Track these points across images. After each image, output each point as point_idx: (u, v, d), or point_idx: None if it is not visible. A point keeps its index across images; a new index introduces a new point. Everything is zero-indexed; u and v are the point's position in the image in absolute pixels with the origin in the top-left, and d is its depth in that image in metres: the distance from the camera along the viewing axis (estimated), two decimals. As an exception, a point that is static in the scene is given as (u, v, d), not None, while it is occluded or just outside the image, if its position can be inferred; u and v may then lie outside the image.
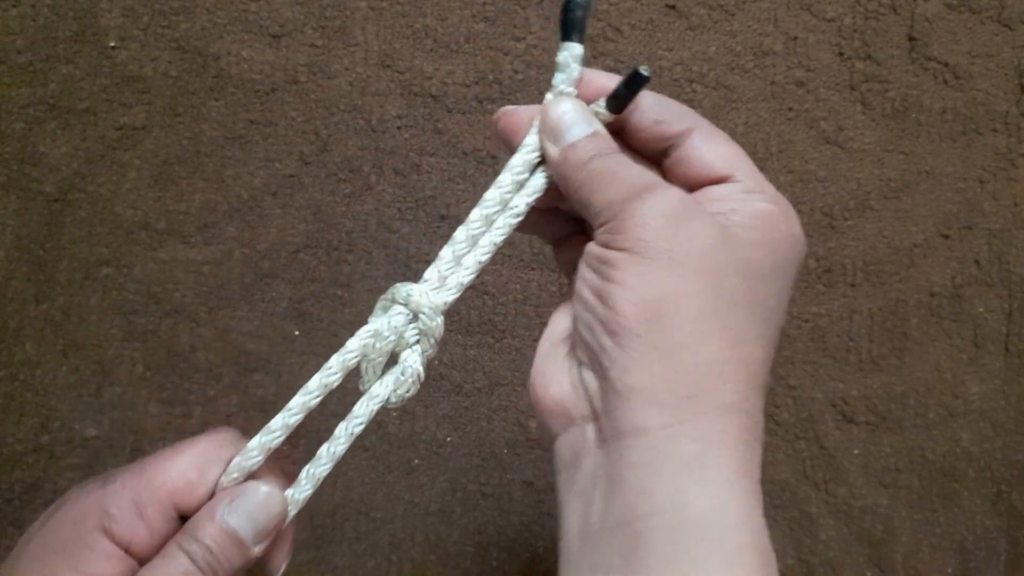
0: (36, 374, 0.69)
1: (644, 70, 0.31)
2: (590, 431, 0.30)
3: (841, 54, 0.72)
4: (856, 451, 0.71)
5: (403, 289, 0.32)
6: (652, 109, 0.34)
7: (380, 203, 0.70)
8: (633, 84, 0.32)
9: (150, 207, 0.70)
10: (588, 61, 0.34)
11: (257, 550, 0.30)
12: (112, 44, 0.70)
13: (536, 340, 0.73)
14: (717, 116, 0.71)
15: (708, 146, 0.33)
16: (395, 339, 0.32)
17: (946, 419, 0.71)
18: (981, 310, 0.72)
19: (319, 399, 0.32)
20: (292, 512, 0.32)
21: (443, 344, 0.32)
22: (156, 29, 0.70)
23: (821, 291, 0.71)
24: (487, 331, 0.70)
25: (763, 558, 0.27)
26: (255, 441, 0.31)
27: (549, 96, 0.33)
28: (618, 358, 0.28)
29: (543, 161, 0.34)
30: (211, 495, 0.31)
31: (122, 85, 0.70)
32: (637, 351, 0.28)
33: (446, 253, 0.33)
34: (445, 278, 0.33)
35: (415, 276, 0.34)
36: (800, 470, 0.71)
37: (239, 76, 0.70)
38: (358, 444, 0.31)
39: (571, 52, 0.33)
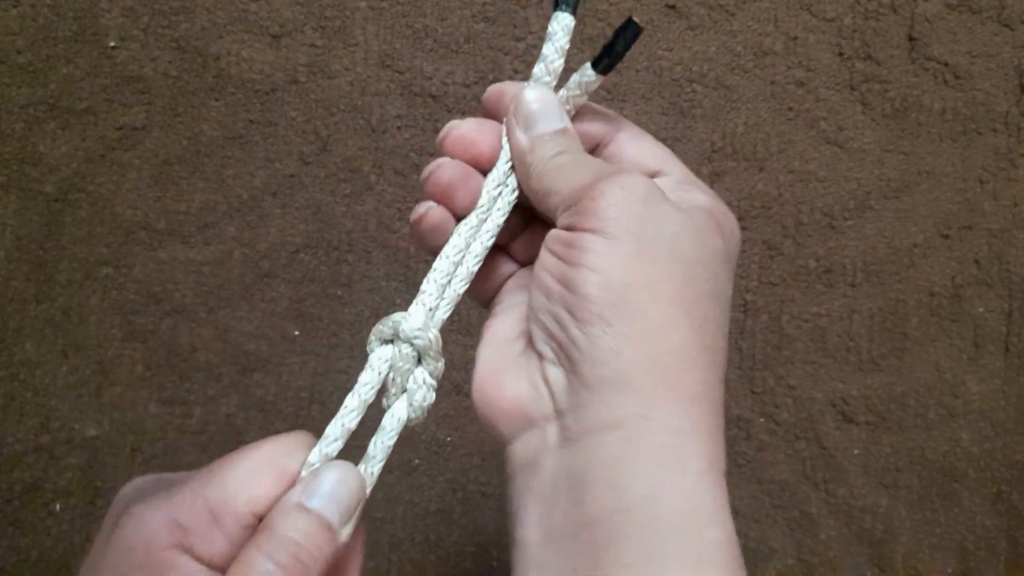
0: (36, 374, 0.69)
1: (635, 20, 0.31)
2: (551, 431, 0.28)
3: (841, 54, 0.72)
4: (856, 451, 0.71)
5: (390, 322, 0.32)
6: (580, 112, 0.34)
7: (380, 203, 0.70)
8: (626, 36, 0.31)
9: (150, 207, 0.70)
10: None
11: (345, 533, 0.28)
12: (112, 44, 0.70)
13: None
14: (717, 116, 0.71)
15: (636, 144, 0.33)
16: (398, 369, 0.32)
17: (946, 419, 0.71)
18: (981, 310, 0.72)
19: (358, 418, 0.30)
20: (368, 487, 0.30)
21: (443, 344, 0.32)
22: (156, 29, 0.70)
23: (821, 291, 0.71)
24: (487, 331, 0.70)
25: (734, 553, 0.26)
26: (314, 451, 0.29)
27: (537, 68, 0.33)
28: (590, 350, 0.27)
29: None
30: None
31: (122, 85, 0.70)
32: (609, 339, 0.27)
33: (429, 287, 0.32)
34: (431, 309, 0.32)
35: (415, 276, 0.34)
36: (800, 470, 0.71)
37: (239, 76, 0.70)
38: (358, 444, 0.31)
39: (561, 23, 0.32)
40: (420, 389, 0.32)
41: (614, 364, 0.27)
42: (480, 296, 0.36)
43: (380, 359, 0.32)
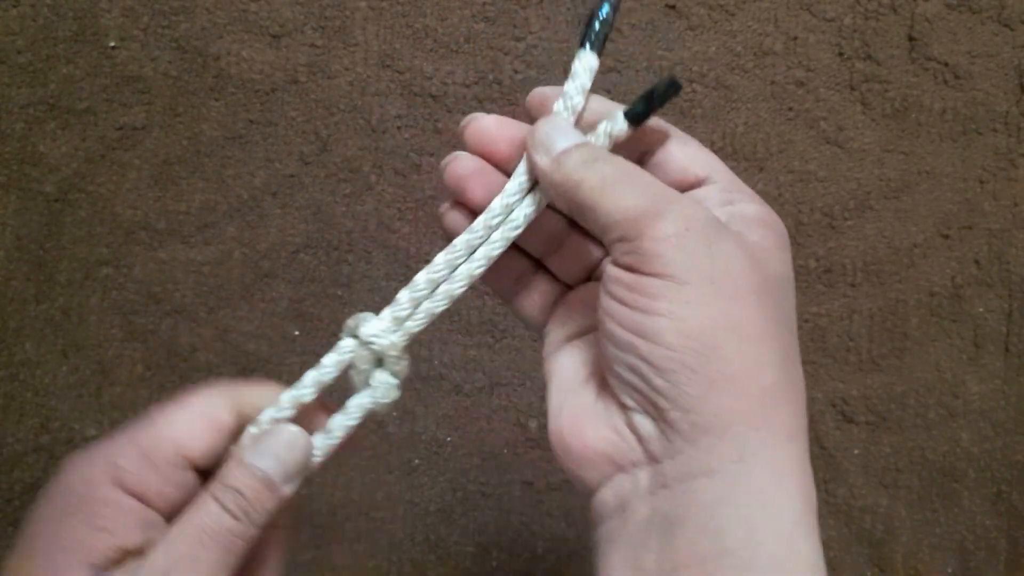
0: (36, 374, 0.69)
1: (677, 79, 0.31)
2: (643, 476, 0.27)
3: (841, 54, 0.72)
4: (856, 451, 0.71)
5: (355, 320, 0.33)
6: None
7: (380, 203, 0.70)
8: (666, 92, 0.31)
9: (150, 207, 0.70)
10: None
11: (287, 490, 0.30)
12: (112, 44, 0.70)
13: (536, 340, 0.72)
14: (717, 116, 0.71)
15: (683, 151, 0.32)
16: (363, 362, 0.33)
17: (946, 419, 0.71)
18: (981, 310, 0.72)
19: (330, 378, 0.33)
20: (319, 457, 0.32)
21: (443, 344, 0.32)
22: (156, 29, 0.70)
23: (821, 291, 0.71)
24: (487, 331, 0.70)
25: None
26: (287, 395, 0.32)
27: (557, 105, 0.32)
28: (677, 397, 0.26)
29: (532, 188, 0.32)
30: (230, 442, 0.31)
31: (122, 85, 0.70)
32: (696, 386, 0.26)
33: (402, 297, 0.33)
34: (400, 318, 0.33)
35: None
36: (800, 470, 0.71)
37: (239, 76, 0.70)
38: (358, 444, 0.31)
39: (585, 63, 0.32)
40: (381, 387, 0.33)
41: (704, 410, 0.26)
42: (527, 319, 0.36)
43: (344, 348, 0.33)
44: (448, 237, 0.33)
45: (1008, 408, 0.71)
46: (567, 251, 0.34)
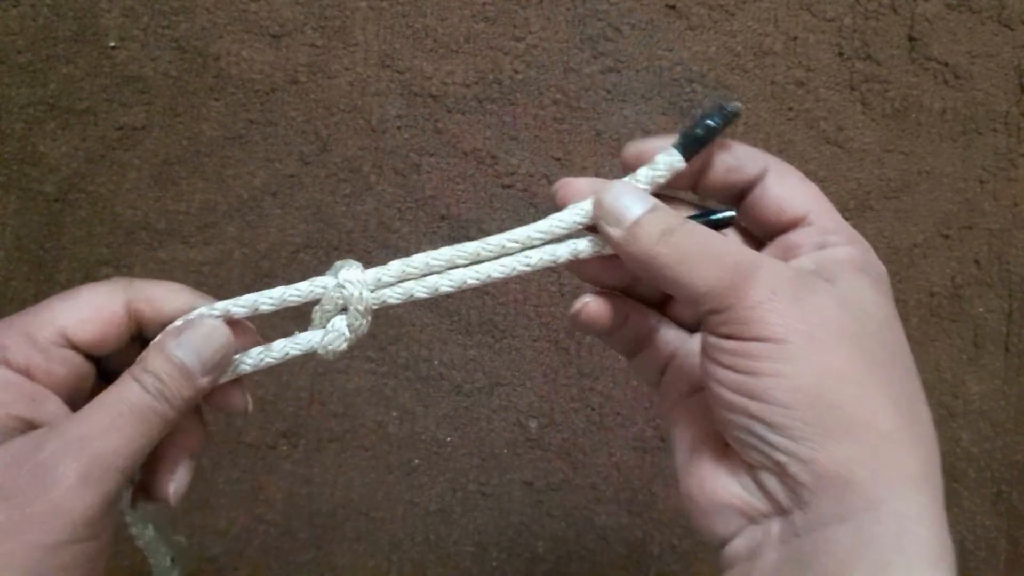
0: (36, 374, 0.69)
1: (735, 106, 0.30)
2: (774, 526, 0.28)
3: (841, 54, 0.72)
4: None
5: (338, 265, 0.34)
6: (721, 159, 0.32)
7: (380, 203, 0.70)
8: (720, 119, 0.31)
9: (150, 207, 0.70)
10: (587, 61, 0.33)
11: (205, 382, 0.31)
12: (112, 44, 0.70)
13: (536, 340, 0.72)
14: (717, 116, 0.71)
15: (781, 188, 0.32)
16: (329, 303, 0.34)
17: (946, 419, 0.71)
18: (981, 310, 0.72)
19: (273, 307, 0.34)
20: (248, 367, 0.33)
21: (443, 344, 0.32)
22: (156, 29, 0.70)
23: (821, 291, 0.71)
24: (487, 331, 0.70)
25: None
26: (223, 303, 0.33)
27: (627, 177, 0.32)
28: (796, 451, 0.26)
29: (591, 230, 0.33)
30: (126, 332, 0.32)
31: (122, 85, 0.70)
32: (813, 439, 0.26)
33: (392, 267, 0.33)
34: (382, 281, 0.33)
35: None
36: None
37: (239, 76, 0.70)
38: (358, 444, 0.31)
39: (668, 159, 0.32)
40: (333, 333, 0.34)
41: (825, 462, 0.26)
42: (646, 374, 0.36)
43: (319, 282, 0.34)
44: (582, 326, 0.34)
45: (1008, 408, 0.71)
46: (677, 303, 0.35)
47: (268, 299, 0.34)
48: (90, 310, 0.31)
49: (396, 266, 0.33)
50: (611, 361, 0.70)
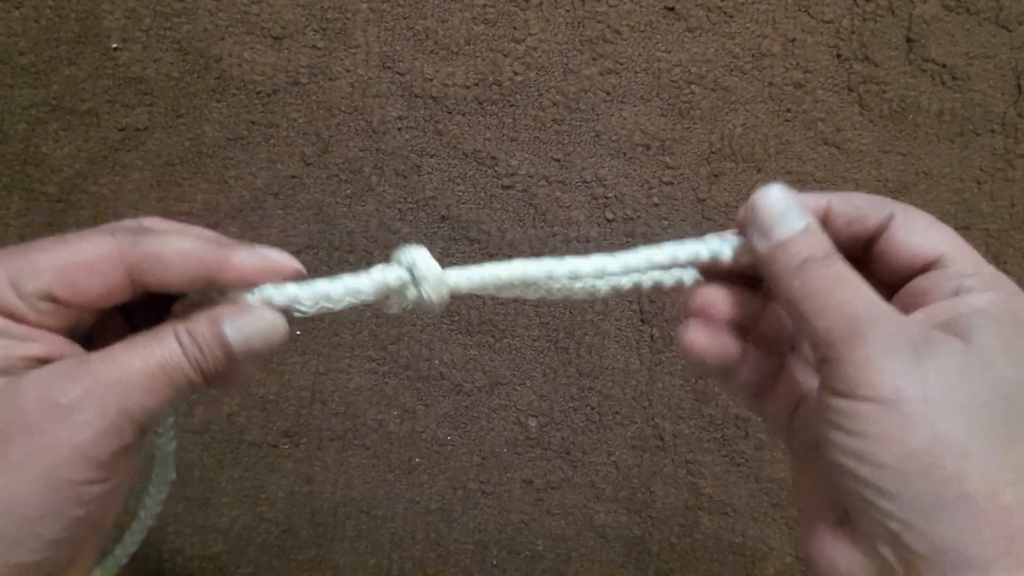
0: (39, 374, 0.69)
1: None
2: None
3: (839, 55, 0.72)
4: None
5: (409, 253, 0.34)
6: (841, 211, 0.31)
7: (381, 204, 0.71)
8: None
9: (152, 208, 0.70)
10: (587, 63, 0.34)
11: (242, 366, 0.31)
12: (114, 46, 0.70)
13: (535, 339, 0.73)
14: (715, 117, 0.72)
15: (909, 233, 0.30)
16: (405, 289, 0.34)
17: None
18: (978, 310, 0.72)
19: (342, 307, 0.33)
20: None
21: (443, 343, 0.33)
22: (158, 31, 0.71)
23: (819, 291, 0.72)
24: (487, 331, 0.70)
25: None
26: (291, 288, 0.32)
27: (785, 187, 0.31)
28: (909, 521, 0.25)
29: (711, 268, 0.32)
30: (124, 285, 0.31)
31: (124, 86, 0.70)
32: (926, 509, 0.25)
33: (480, 271, 0.33)
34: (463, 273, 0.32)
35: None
36: (798, 469, 0.71)
37: (241, 78, 0.71)
38: (359, 443, 0.31)
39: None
40: (415, 289, 0.34)
41: (940, 534, 0.25)
42: (768, 415, 0.35)
43: (393, 273, 0.33)
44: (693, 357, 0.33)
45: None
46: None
47: (307, 302, 0.33)
48: (81, 273, 0.29)
49: (479, 273, 0.33)
50: (610, 361, 0.70)
